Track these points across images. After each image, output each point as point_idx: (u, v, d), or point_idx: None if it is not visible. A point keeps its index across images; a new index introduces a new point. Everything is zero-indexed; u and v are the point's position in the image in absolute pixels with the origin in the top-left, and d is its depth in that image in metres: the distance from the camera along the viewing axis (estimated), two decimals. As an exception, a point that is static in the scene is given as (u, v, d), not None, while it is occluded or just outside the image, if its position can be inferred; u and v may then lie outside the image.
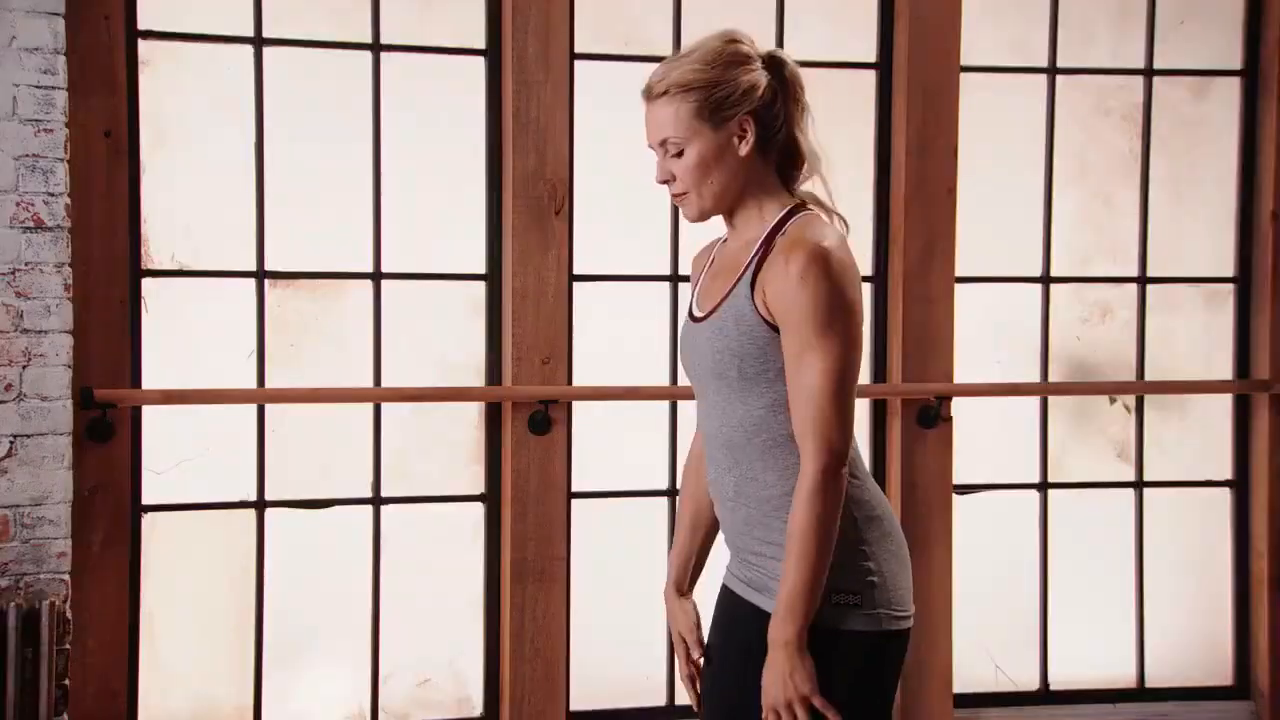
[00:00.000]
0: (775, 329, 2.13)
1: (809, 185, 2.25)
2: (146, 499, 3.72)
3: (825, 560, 2.08)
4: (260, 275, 3.80)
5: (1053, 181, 4.30)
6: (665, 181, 2.23)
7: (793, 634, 2.07)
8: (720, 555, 2.40)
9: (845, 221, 2.22)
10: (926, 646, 4.06)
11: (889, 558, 2.18)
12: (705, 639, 2.38)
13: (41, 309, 3.45)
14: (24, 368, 3.44)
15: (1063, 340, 4.35)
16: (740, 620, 2.25)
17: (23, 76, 3.41)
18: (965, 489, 4.22)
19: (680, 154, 2.18)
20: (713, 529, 2.43)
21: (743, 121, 2.17)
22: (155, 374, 3.70)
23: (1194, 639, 4.42)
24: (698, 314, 2.27)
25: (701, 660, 2.37)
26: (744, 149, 2.17)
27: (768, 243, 2.16)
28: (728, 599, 2.31)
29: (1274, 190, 4.30)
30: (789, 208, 2.20)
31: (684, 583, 2.45)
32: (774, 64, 2.20)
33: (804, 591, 2.07)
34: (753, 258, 2.16)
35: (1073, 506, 4.34)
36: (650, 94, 2.20)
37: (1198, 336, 4.42)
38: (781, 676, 2.08)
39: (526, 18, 3.84)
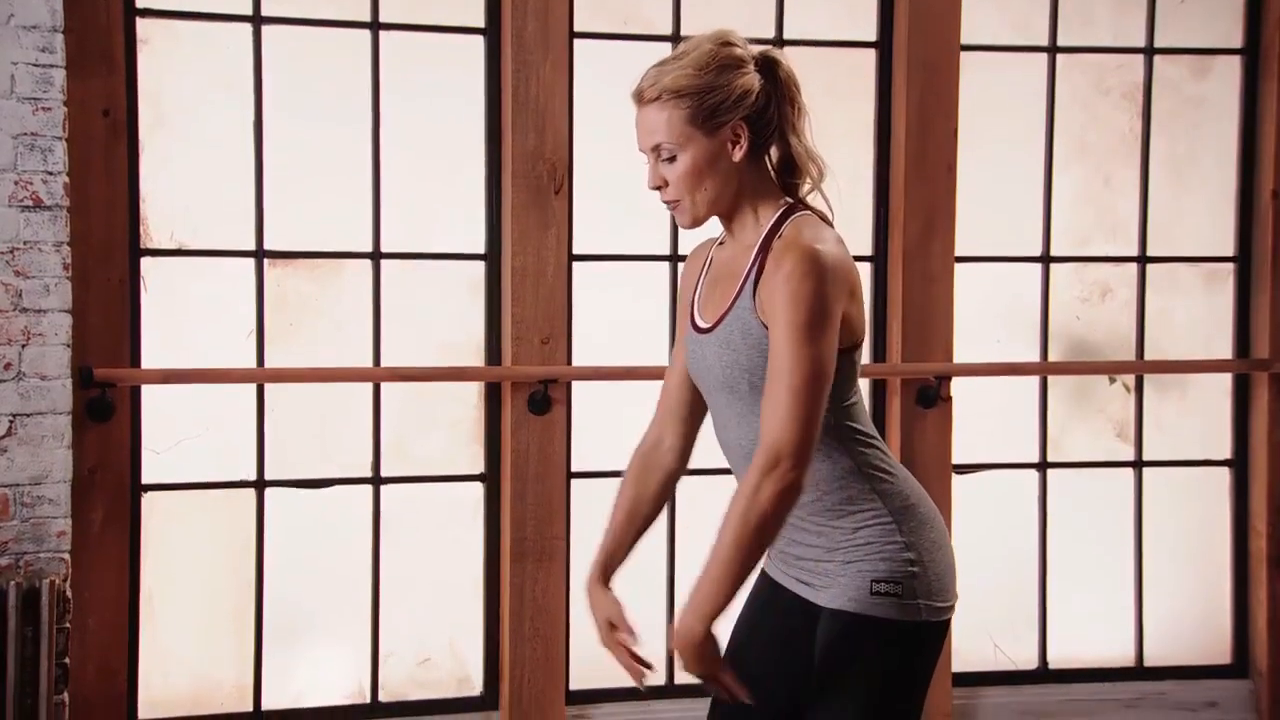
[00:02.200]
0: None
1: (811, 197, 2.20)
2: (146, 478, 3.72)
3: (744, 564, 2.02)
4: (259, 254, 3.79)
5: (1053, 161, 4.29)
6: (657, 188, 2.16)
7: (696, 627, 2.05)
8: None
9: (838, 235, 2.15)
10: (926, 625, 4.06)
11: (930, 546, 2.15)
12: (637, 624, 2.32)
13: (40, 288, 3.45)
14: (23, 347, 3.44)
15: (1062, 320, 4.34)
16: (775, 610, 2.25)
17: (20, 54, 3.40)
18: (965, 469, 4.22)
19: (672, 159, 2.12)
20: (646, 523, 2.37)
21: (736, 127, 2.11)
22: (154, 353, 3.69)
23: (1193, 618, 4.42)
24: (702, 325, 2.22)
25: (629, 638, 2.31)
26: (737, 155, 2.12)
27: (765, 248, 2.12)
28: (766, 587, 2.29)
29: (1274, 169, 4.29)
30: (783, 209, 2.16)
31: (610, 572, 2.36)
32: (767, 65, 2.14)
33: (711, 589, 2.03)
34: (752, 265, 2.13)
35: (1072, 486, 4.34)
36: (641, 99, 2.13)
37: (1197, 316, 4.42)
38: (686, 661, 2.09)
39: (526, -4, 3.83)
